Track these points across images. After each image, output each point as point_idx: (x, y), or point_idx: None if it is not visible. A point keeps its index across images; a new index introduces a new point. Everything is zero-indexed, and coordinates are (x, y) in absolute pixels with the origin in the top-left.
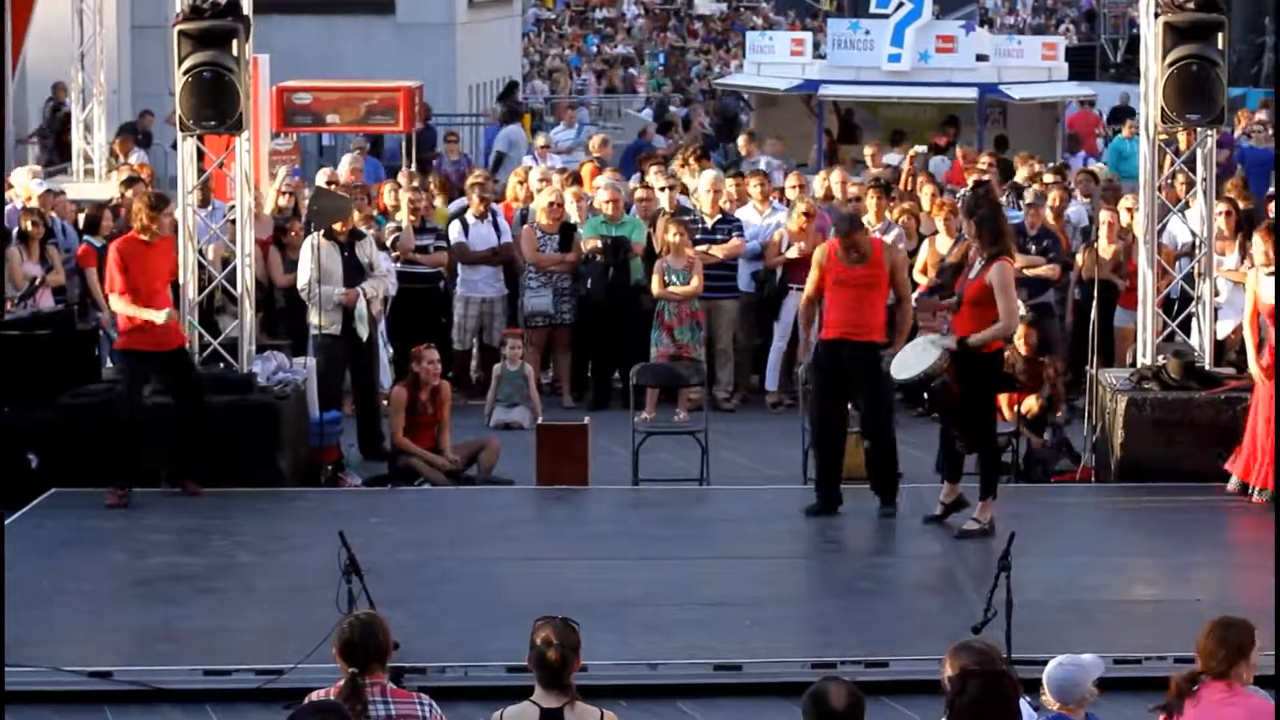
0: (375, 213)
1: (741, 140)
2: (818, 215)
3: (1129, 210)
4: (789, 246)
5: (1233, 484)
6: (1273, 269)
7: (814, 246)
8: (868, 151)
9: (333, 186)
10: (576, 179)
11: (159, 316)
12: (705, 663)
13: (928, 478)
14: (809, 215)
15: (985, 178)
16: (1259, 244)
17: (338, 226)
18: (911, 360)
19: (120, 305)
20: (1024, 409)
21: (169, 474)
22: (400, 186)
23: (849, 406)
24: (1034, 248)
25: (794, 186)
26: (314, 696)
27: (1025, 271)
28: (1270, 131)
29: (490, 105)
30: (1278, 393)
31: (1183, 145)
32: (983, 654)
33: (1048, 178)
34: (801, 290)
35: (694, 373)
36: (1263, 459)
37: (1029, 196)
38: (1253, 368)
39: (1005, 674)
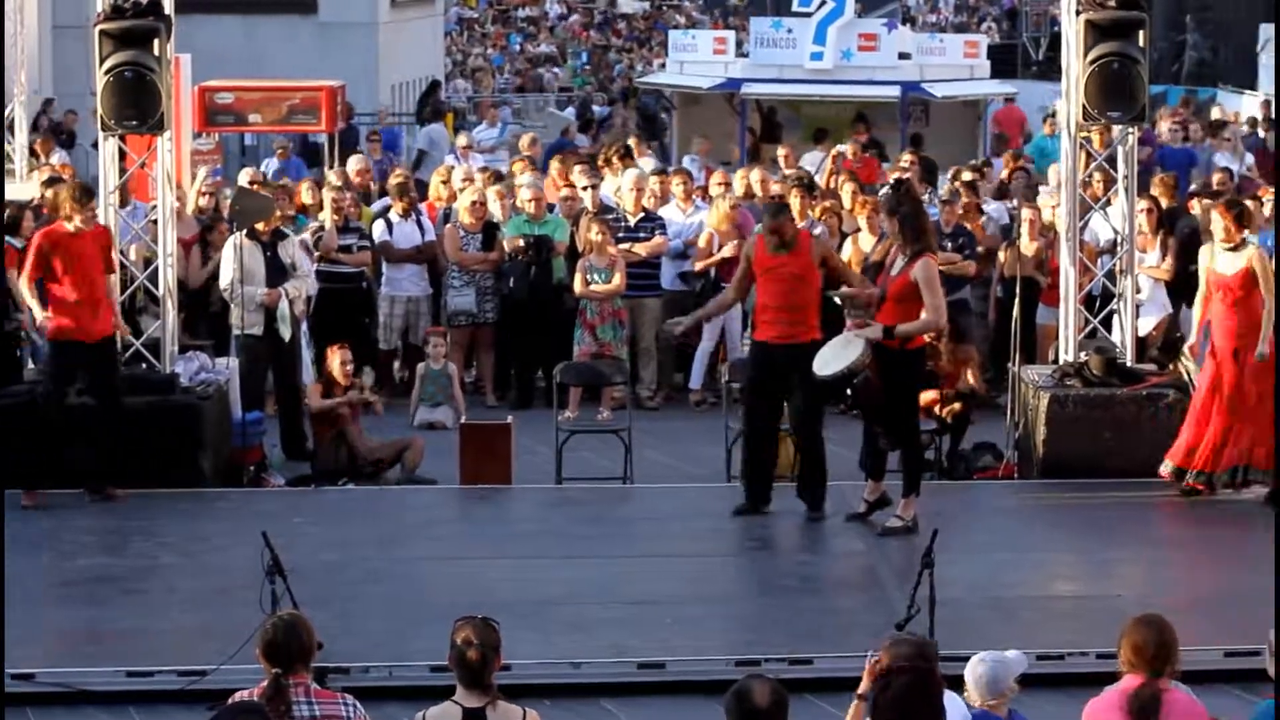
0: (294, 212)
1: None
2: (740, 213)
3: (1051, 208)
4: (720, 247)
5: (1166, 469)
6: (1231, 244)
7: (738, 245)
8: (781, 152)
9: (255, 186)
10: (499, 177)
11: (39, 315)
12: (629, 661)
13: (852, 475)
14: (732, 209)
15: (906, 175)
16: (1217, 220)
17: (260, 226)
18: (834, 356)
19: (21, 288)
20: (945, 409)
21: (87, 480)
22: (327, 184)
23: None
24: (950, 245)
25: (719, 184)
26: (237, 697)
27: (943, 269)
28: (1186, 131)
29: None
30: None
31: (1097, 144)
32: (918, 648)
33: (966, 175)
34: None
35: (617, 371)
36: (1210, 441)
37: (945, 192)
38: (1188, 352)
39: (930, 671)
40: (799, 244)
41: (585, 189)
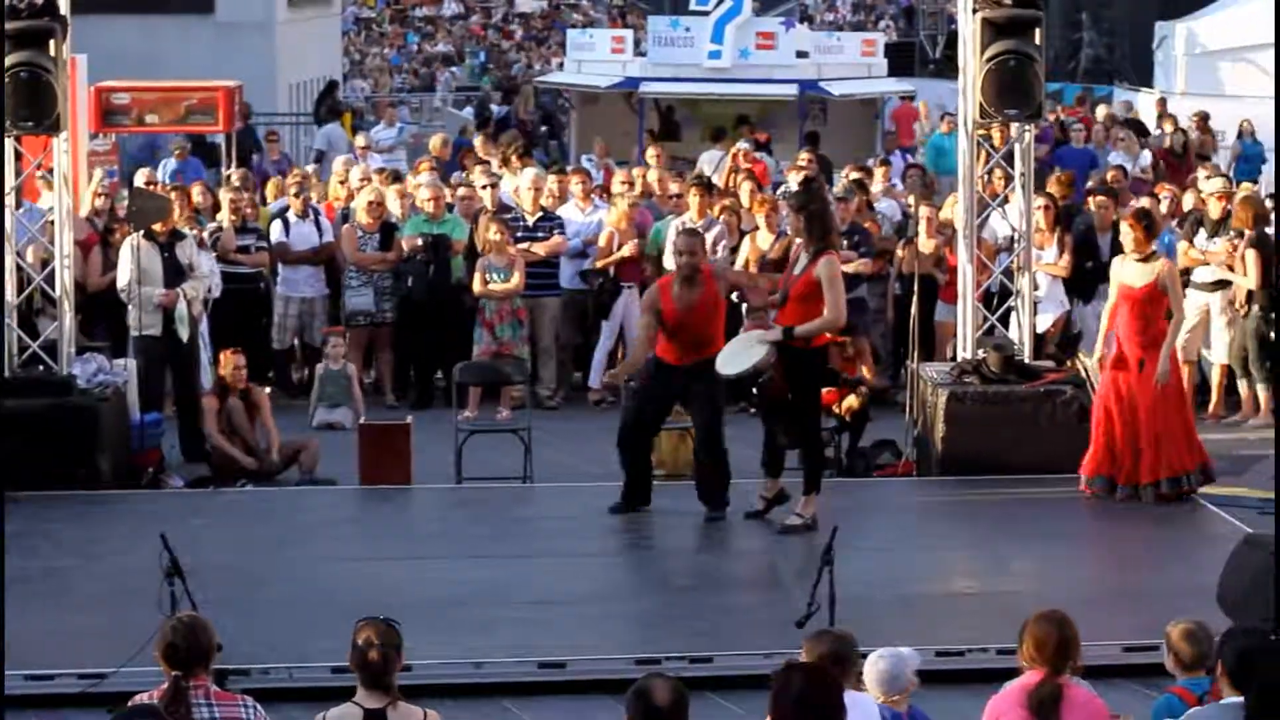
0: (191, 212)
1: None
2: (639, 212)
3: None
4: (620, 245)
5: (1089, 484)
6: (1141, 256)
7: (636, 244)
8: (652, 153)
9: (152, 186)
10: (398, 177)
11: None
12: (530, 661)
13: (751, 473)
14: (631, 207)
15: (811, 174)
16: (1127, 232)
17: (157, 227)
18: (737, 355)
19: None
20: (844, 406)
21: None
22: (225, 184)
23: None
24: (845, 243)
25: (623, 183)
26: (137, 700)
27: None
28: (1089, 131)
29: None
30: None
31: (997, 141)
32: (840, 642)
33: (854, 174)
34: (629, 287)
35: (516, 370)
36: (1130, 452)
37: (839, 189)
38: (1094, 356)
39: (829, 669)
40: (702, 282)
41: (484, 188)
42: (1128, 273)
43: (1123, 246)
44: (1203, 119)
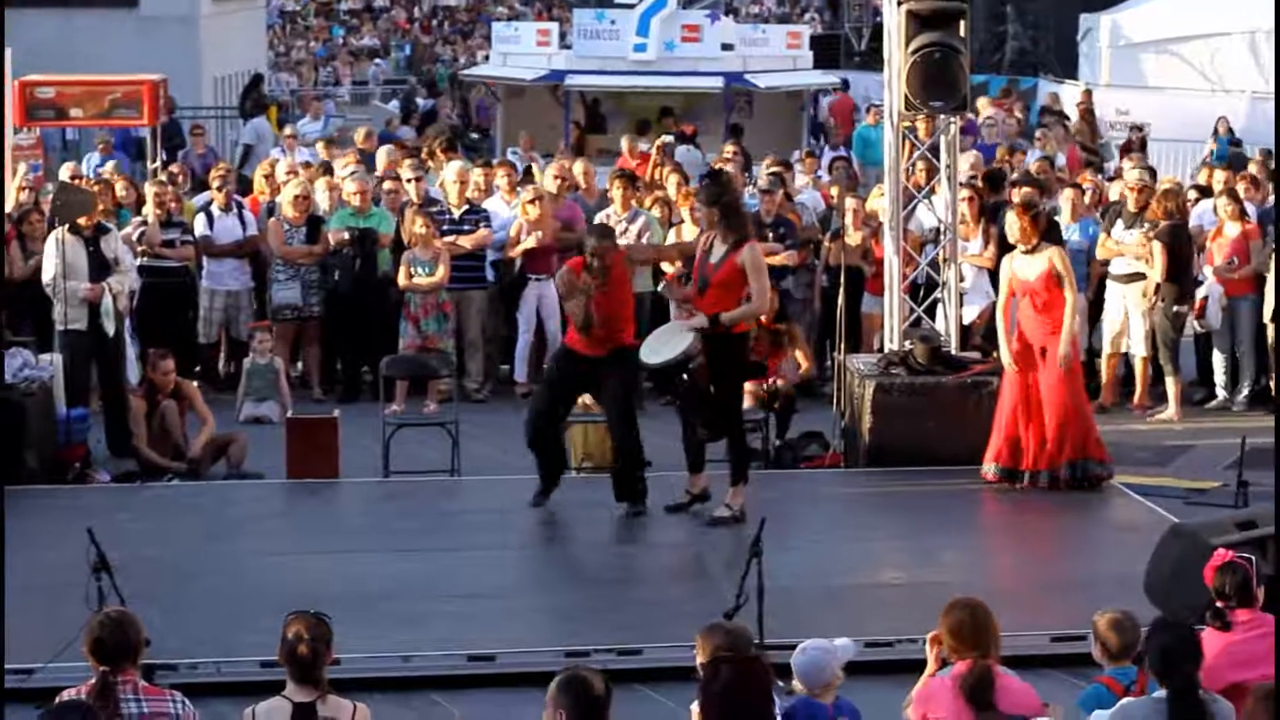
0: (114, 206)
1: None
2: (565, 204)
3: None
4: (528, 235)
5: (992, 472)
6: (1029, 247)
7: (550, 236)
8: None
9: (77, 181)
10: (329, 169)
11: None
12: (458, 654)
13: (675, 466)
14: (540, 200)
15: (724, 165)
16: (1013, 221)
17: (82, 221)
18: (662, 344)
19: None
20: (770, 393)
21: None
22: (150, 178)
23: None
24: (771, 235)
25: (556, 178)
26: (65, 696)
27: (766, 259)
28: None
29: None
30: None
31: (923, 133)
32: (733, 635)
33: (773, 169)
34: (539, 279)
35: (443, 364)
36: (1035, 440)
37: (763, 182)
38: (1005, 355)
39: (758, 659)
40: (613, 268)
41: (410, 181)
42: (1019, 266)
43: (1009, 239)
44: (1086, 108)
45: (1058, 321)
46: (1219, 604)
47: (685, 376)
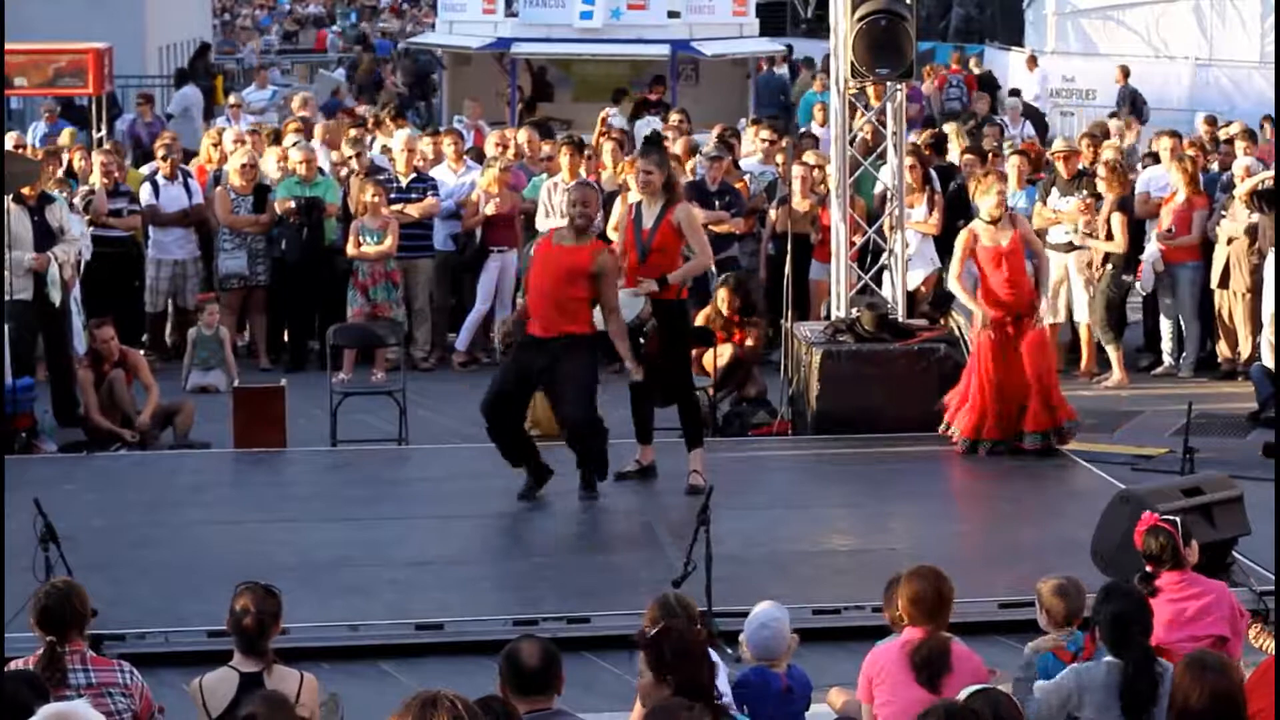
0: (65, 175)
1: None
2: (512, 173)
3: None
4: (486, 203)
5: (959, 443)
6: (991, 219)
7: (509, 205)
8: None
9: (20, 150)
10: (278, 137)
11: None
12: (406, 623)
13: (625, 434)
14: (504, 171)
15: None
16: (990, 197)
17: (26, 190)
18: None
19: None
20: (723, 362)
21: None
22: (96, 147)
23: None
24: (717, 203)
25: (497, 146)
26: (12, 666)
27: (712, 228)
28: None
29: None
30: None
31: (873, 99)
32: (678, 606)
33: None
34: (501, 251)
35: (391, 333)
36: (991, 412)
37: (709, 149)
38: (983, 315)
39: (694, 629)
40: (590, 241)
41: (351, 158)
42: (989, 236)
43: (980, 211)
44: (981, 79)
45: (1028, 286)
46: (1149, 568)
47: (641, 341)
